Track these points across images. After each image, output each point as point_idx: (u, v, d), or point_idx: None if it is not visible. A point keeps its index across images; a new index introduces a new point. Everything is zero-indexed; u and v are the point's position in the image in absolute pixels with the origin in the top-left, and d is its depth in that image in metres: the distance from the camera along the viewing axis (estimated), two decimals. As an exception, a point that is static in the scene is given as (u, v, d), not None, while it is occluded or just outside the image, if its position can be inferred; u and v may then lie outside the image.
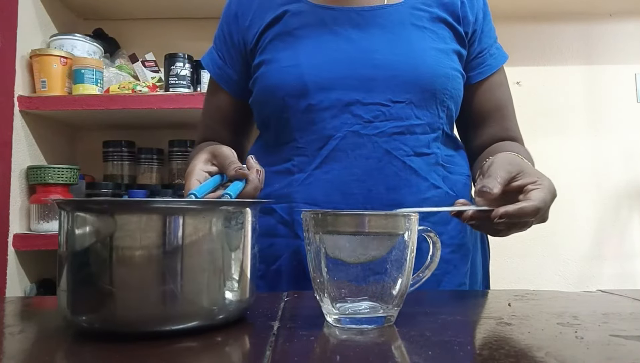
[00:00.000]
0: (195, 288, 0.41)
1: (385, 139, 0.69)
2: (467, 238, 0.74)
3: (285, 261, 0.70)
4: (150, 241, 0.39)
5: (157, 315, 0.40)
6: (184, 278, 0.40)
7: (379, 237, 0.43)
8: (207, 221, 0.42)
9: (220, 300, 0.43)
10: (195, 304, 0.41)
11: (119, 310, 0.40)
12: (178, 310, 0.40)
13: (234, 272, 0.44)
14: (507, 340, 0.39)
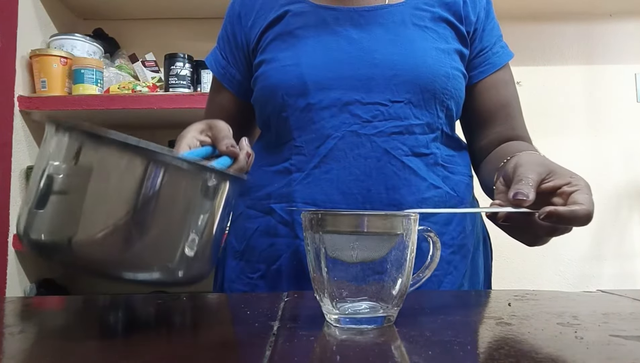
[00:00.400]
0: (157, 240, 0.41)
1: (384, 139, 0.69)
2: (467, 239, 0.74)
3: (285, 261, 0.70)
4: (127, 182, 0.39)
5: (114, 257, 0.39)
6: (150, 227, 0.40)
7: (378, 237, 0.43)
8: (187, 180, 0.42)
9: (179, 258, 0.42)
10: (155, 255, 0.41)
11: (78, 242, 0.39)
12: (136, 256, 0.40)
13: (198, 236, 0.43)
14: (507, 340, 0.39)
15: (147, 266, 0.41)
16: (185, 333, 0.45)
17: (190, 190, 0.42)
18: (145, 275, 0.41)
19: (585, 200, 0.51)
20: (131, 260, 0.40)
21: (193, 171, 0.43)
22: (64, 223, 0.39)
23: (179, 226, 0.42)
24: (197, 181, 0.43)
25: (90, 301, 0.61)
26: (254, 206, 0.74)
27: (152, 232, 0.40)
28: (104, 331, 0.46)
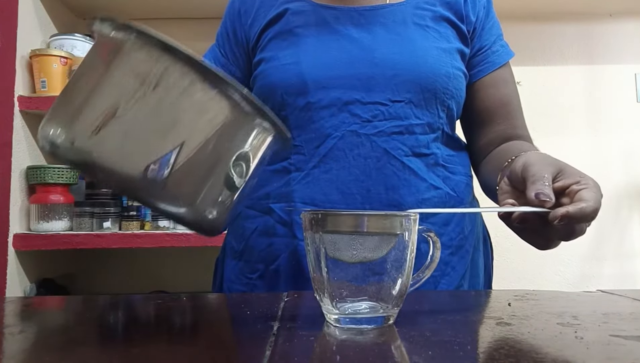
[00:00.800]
0: (187, 171, 0.38)
1: (384, 139, 0.68)
2: (466, 240, 0.74)
3: (283, 261, 0.70)
4: (181, 100, 0.37)
5: (137, 176, 0.37)
6: (179, 157, 0.38)
7: (378, 237, 0.43)
8: (245, 122, 0.40)
9: (209, 198, 0.40)
10: (181, 186, 0.39)
11: (108, 151, 0.37)
12: (171, 183, 0.38)
13: (233, 181, 0.41)
14: (507, 340, 0.39)
15: (176, 196, 0.38)
16: (185, 333, 0.45)
17: (243, 134, 0.41)
18: (171, 206, 0.39)
19: (591, 197, 0.50)
20: (165, 185, 0.37)
21: (254, 114, 0.41)
22: (105, 132, 0.37)
23: (220, 165, 0.40)
24: (252, 126, 0.41)
25: (90, 301, 0.61)
26: (252, 205, 0.74)
27: (196, 163, 0.38)
28: (104, 331, 0.46)
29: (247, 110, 0.40)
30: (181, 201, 0.39)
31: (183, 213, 0.39)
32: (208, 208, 0.40)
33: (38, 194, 1.43)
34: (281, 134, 0.44)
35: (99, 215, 1.43)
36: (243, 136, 0.41)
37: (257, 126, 0.42)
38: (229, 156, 0.40)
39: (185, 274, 1.74)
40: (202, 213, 0.40)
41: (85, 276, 1.74)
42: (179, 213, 0.39)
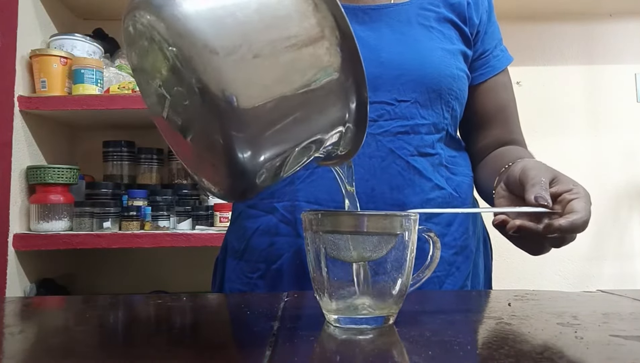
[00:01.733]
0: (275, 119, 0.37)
1: (389, 139, 0.68)
2: (469, 240, 0.74)
3: (286, 260, 0.70)
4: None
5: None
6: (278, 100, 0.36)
7: (378, 237, 0.43)
8: (339, 95, 0.40)
9: (269, 161, 0.38)
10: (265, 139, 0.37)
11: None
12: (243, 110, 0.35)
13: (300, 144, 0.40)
14: (507, 340, 0.39)
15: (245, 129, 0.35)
16: (185, 333, 0.45)
17: (334, 107, 0.40)
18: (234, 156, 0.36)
19: (582, 208, 0.52)
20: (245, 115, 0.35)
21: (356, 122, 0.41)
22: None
23: (302, 135, 0.39)
24: (345, 102, 0.40)
25: (90, 301, 0.61)
26: (255, 205, 0.74)
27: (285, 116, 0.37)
28: (104, 331, 0.46)
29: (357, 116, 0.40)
30: (245, 139, 0.35)
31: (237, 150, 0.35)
32: (260, 163, 0.37)
33: (38, 194, 1.43)
34: (346, 158, 0.45)
35: (98, 215, 1.43)
36: (331, 126, 0.40)
37: (342, 129, 0.41)
38: (313, 131, 0.39)
39: (185, 274, 1.74)
40: (251, 165, 0.36)
41: (85, 276, 1.74)
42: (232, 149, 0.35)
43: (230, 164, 0.36)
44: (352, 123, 0.42)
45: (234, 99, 0.34)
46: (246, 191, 0.39)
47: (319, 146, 0.42)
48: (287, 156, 0.39)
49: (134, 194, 1.51)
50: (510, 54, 0.82)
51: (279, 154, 0.38)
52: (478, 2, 0.77)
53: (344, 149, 0.45)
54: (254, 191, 0.39)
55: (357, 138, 0.43)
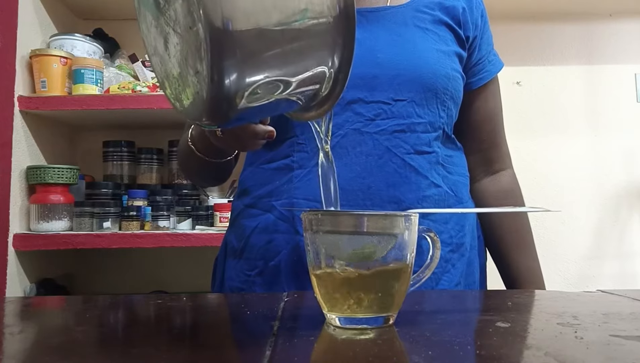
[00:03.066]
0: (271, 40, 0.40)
1: (386, 137, 0.69)
2: (465, 238, 0.75)
3: (284, 257, 0.70)
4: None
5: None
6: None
7: (378, 237, 0.43)
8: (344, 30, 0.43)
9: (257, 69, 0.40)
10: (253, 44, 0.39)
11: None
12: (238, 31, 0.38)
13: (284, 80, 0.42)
14: (507, 340, 0.39)
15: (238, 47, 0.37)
16: (185, 333, 0.45)
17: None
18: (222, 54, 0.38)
19: None
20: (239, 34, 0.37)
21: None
22: None
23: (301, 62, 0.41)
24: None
25: (90, 301, 0.61)
26: (254, 204, 0.74)
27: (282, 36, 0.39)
28: (104, 331, 0.46)
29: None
30: (236, 54, 0.37)
31: (225, 65, 0.37)
32: (243, 83, 0.39)
33: (38, 194, 1.43)
34: (323, 110, 0.47)
35: (99, 215, 1.43)
36: (315, 64, 0.42)
37: (326, 71, 0.43)
38: (299, 65, 0.41)
39: (185, 274, 1.74)
40: (235, 82, 0.38)
41: (85, 276, 1.74)
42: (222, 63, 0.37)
43: (215, 62, 0.37)
44: (335, 70, 0.45)
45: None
46: (225, 107, 0.40)
47: (301, 84, 0.43)
48: (269, 83, 0.41)
49: (134, 194, 1.51)
50: (501, 60, 0.85)
51: (263, 77, 0.40)
52: (472, 8, 0.79)
53: (322, 95, 0.47)
54: (231, 109, 0.41)
55: (337, 86, 0.46)
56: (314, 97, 0.47)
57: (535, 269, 0.81)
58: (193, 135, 0.72)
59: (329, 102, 0.47)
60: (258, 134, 0.55)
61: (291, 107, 0.49)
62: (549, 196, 1.83)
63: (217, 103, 0.39)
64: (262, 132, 0.55)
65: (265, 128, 0.55)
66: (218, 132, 0.57)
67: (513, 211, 0.84)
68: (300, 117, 0.52)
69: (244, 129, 0.54)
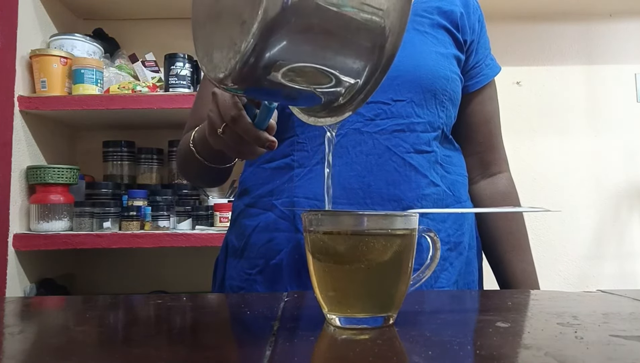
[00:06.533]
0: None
1: (386, 137, 0.70)
2: (463, 236, 0.76)
3: (285, 255, 0.71)
4: None
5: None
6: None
7: (378, 237, 0.43)
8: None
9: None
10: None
11: None
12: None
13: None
14: (507, 340, 0.39)
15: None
16: (185, 333, 0.45)
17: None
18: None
19: None
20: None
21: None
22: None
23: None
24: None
25: (90, 301, 0.61)
26: (255, 204, 0.75)
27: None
28: (104, 331, 0.46)
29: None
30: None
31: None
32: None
33: (38, 194, 1.43)
34: (339, 114, 0.47)
35: (99, 215, 1.43)
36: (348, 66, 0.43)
37: (353, 81, 0.43)
38: (334, 57, 0.41)
39: (185, 274, 1.74)
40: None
41: (85, 276, 1.74)
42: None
43: (266, 18, 0.37)
44: (363, 78, 0.44)
45: None
46: (257, 66, 0.39)
47: (328, 78, 0.43)
48: (300, 63, 0.41)
49: (134, 194, 1.51)
50: (498, 64, 0.86)
51: (299, 54, 0.40)
52: (470, 13, 0.80)
53: (343, 102, 0.47)
54: (261, 72, 0.40)
55: (361, 96, 0.45)
56: (328, 102, 0.47)
57: (530, 272, 0.82)
58: (195, 137, 0.72)
59: (345, 111, 0.47)
60: (260, 140, 0.53)
61: (308, 103, 0.49)
62: (549, 196, 1.83)
63: (252, 60, 0.38)
64: (264, 140, 0.53)
65: (268, 136, 0.53)
66: (224, 129, 0.54)
67: (513, 211, 0.84)
68: (307, 120, 0.52)
69: (247, 131, 0.52)
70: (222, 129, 0.54)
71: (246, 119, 0.52)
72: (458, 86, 0.77)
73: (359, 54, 0.43)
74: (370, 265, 0.42)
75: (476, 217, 0.83)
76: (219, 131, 0.55)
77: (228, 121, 0.52)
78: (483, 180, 0.85)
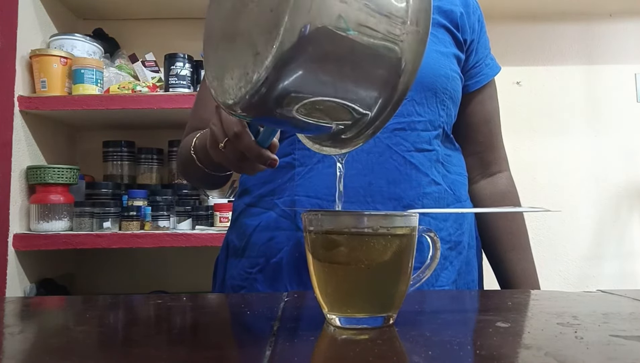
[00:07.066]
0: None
1: (386, 135, 0.70)
2: (464, 236, 0.76)
3: (286, 253, 0.71)
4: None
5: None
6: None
7: (378, 237, 0.43)
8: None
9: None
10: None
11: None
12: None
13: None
14: (507, 340, 0.39)
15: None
16: (185, 333, 0.45)
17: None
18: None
19: None
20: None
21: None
22: None
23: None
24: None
25: (90, 301, 0.61)
26: (256, 203, 0.75)
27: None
28: (104, 331, 0.46)
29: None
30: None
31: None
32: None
33: (38, 194, 1.43)
34: (345, 146, 0.46)
35: (99, 215, 1.43)
36: (360, 99, 0.42)
37: (363, 112, 0.43)
38: (347, 89, 0.41)
39: (185, 274, 1.74)
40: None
41: (85, 276, 1.74)
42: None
43: (278, 53, 0.36)
44: (374, 113, 0.43)
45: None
46: (267, 98, 0.38)
47: (339, 111, 0.43)
48: (312, 96, 0.40)
49: (134, 194, 1.51)
50: (498, 64, 0.86)
51: (311, 87, 0.39)
52: (470, 12, 0.80)
53: (350, 136, 0.46)
54: (272, 104, 0.39)
55: (370, 130, 0.44)
56: (336, 133, 0.46)
57: (530, 271, 0.82)
58: (196, 144, 0.71)
59: (351, 144, 0.46)
60: (262, 157, 0.52)
61: (316, 132, 0.48)
62: (549, 196, 1.83)
63: (262, 91, 0.38)
64: (266, 158, 0.52)
65: (270, 155, 0.52)
66: (223, 142, 0.53)
67: (513, 211, 0.84)
68: (312, 146, 0.51)
69: (249, 148, 0.51)
70: (223, 144, 0.53)
71: (249, 136, 0.51)
72: (458, 84, 0.77)
73: (372, 87, 0.42)
74: (370, 264, 0.42)
75: (477, 217, 0.83)
76: (220, 145, 0.54)
77: (231, 136, 0.51)
78: (483, 180, 0.85)
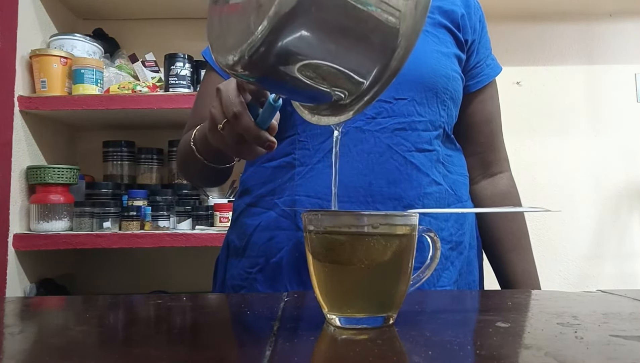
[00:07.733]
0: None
1: (387, 135, 0.70)
2: (464, 236, 0.76)
3: (286, 253, 0.71)
4: None
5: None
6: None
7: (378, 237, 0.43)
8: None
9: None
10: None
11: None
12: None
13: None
14: (507, 340, 0.39)
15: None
16: (185, 333, 0.45)
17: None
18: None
19: None
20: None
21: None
22: None
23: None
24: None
25: (90, 301, 0.61)
26: (256, 203, 0.75)
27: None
28: (104, 331, 0.46)
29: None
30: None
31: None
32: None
33: (38, 194, 1.43)
34: (342, 114, 0.46)
35: (99, 215, 1.43)
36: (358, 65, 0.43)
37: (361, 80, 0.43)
38: (346, 55, 0.41)
39: (185, 274, 1.74)
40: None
41: (85, 276, 1.74)
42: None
43: (280, 5, 0.36)
44: (371, 79, 0.44)
45: None
46: (269, 53, 0.39)
47: (337, 75, 0.43)
48: (314, 55, 0.40)
49: (134, 194, 1.51)
50: (499, 64, 0.86)
51: (311, 45, 0.40)
52: (471, 13, 0.80)
53: (348, 101, 0.46)
54: (273, 58, 0.39)
55: (368, 96, 0.45)
56: (335, 100, 0.47)
57: (531, 272, 0.82)
58: (196, 136, 0.72)
59: (350, 111, 0.46)
60: (260, 139, 0.52)
61: (316, 99, 0.48)
62: (549, 196, 1.83)
63: (265, 45, 0.38)
64: (264, 139, 0.52)
65: (268, 136, 0.52)
66: (222, 126, 0.53)
67: (513, 211, 0.84)
68: (311, 119, 0.51)
69: (248, 129, 0.51)
70: (222, 125, 0.53)
71: (248, 116, 0.51)
72: (459, 84, 0.77)
73: (371, 52, 0.42)
74: (370, 264, 0.42)
75: (477, 217, 0.83)
76: (219, 126, 0.53)
77: (230, 117, 0.52)
78: (484, 180, 0.85)
